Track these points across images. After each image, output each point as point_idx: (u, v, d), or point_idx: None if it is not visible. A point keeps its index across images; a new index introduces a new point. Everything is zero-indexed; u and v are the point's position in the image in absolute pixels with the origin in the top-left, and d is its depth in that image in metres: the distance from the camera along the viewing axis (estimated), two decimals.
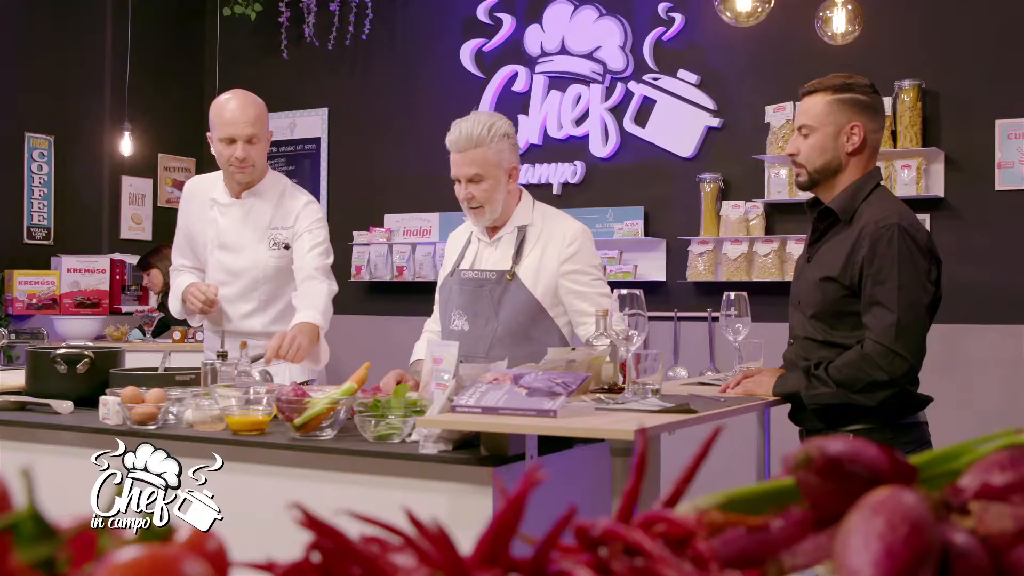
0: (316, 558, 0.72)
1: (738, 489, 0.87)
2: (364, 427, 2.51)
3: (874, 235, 2.76)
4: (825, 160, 2.91)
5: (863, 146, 2.91)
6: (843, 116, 2.90)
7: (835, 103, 2.91)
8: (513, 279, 3.35)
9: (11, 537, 0.58)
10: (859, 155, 2.91)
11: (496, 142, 3.34)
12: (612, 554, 0.77)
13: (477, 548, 0.72)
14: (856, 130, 2.89)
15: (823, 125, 2.91)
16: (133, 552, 0.60)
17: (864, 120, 2.90)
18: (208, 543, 0.70)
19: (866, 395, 2.71)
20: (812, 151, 2.92)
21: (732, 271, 6.21)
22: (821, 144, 2.90)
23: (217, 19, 7.95)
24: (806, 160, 2.94)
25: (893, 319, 2.69)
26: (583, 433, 2.21)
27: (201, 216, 3.86)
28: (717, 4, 3.87)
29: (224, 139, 3.69)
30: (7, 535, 0.58)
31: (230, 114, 3.68)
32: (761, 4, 3.79)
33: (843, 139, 2.90)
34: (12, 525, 0.58)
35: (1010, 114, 5.69)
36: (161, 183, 7.93)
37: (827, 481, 0.82)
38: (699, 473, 0.86)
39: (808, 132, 2.93)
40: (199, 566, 0.62)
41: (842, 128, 2.90)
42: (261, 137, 3.74)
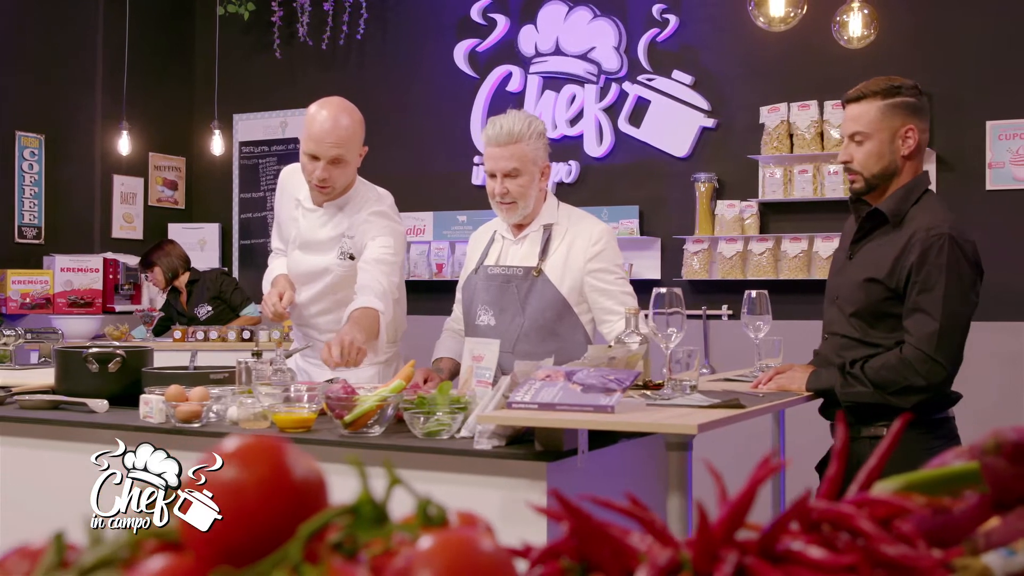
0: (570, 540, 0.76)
1: (915, 474, 0.93)
2: (413, 423, 2.55)
3: (925, 242, 2.81)
4: (883, 166, 2.94)
5: (916, 148, 2.96)
6: (897, 120, 2.93)
7: (887, 108, 2.94)
8: (540, 275, 3.40)
9: (352, 519, 0.62)
10: (913, 159, 2.96)
11: (534, 139, 3.38)
12: (831, 534, 0.82)
13: (715, 528, 0.77)
14: (911, 133, 2.93)
15: (878, 131, 2.93)
16: (434, 538, 0.65)
17: (916, 122, 2.94)
18: (479, 527, 0.75)
19: (901, 397, 2.77)
20: (869, 158, 2.94)
21: (727, 270, 6.29)
22: (878, 150, 2.93)
23: (210, 18, 7.94)
24: (862, 167, 2.96)
25: (935, 327, 2.75)
26: (645, 428, 2.27)
27: (287, 211, 3.74)
28: (751, 8, 3.93)
29: (308, 154, 3.42)
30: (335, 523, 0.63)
31: (319, 129, 3.40)
32: (793, 9, 3.85)
33: (898, 143, 2.94)
34: (354, 509, 0.62)
35: (1001, 115, 5.80)
36: (152, 182, 7.91)
37: (1015, 465, 0.87)
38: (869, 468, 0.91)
39: (863, 139, 2.95)
40: (495, 546, 0.67)
41: (897, 132, 2.93)
42: (349, 159, 3.44)
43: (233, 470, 0.62)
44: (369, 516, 0.62)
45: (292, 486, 0.62)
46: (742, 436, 3.92)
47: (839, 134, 3.11)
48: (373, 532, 0.63)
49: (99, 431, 2.93)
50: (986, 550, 0.87)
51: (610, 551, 0.77)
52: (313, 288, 3.67)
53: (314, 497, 0.63)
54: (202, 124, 8.10)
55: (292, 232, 3.71)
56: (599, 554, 0.77)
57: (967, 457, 0.95)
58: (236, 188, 8.09)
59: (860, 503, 0.84)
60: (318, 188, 3.50)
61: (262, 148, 7.96)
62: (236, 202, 8.10)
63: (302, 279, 3.68)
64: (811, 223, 6.17)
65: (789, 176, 6.15)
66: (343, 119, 3.43)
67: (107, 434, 2.90)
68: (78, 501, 3.00)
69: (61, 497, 2.93)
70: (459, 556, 0.64)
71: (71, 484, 2.90)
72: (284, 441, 0.64)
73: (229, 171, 8.11)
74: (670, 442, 2.26)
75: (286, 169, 3.87)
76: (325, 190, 3.50)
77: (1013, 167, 5.78)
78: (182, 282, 6.83)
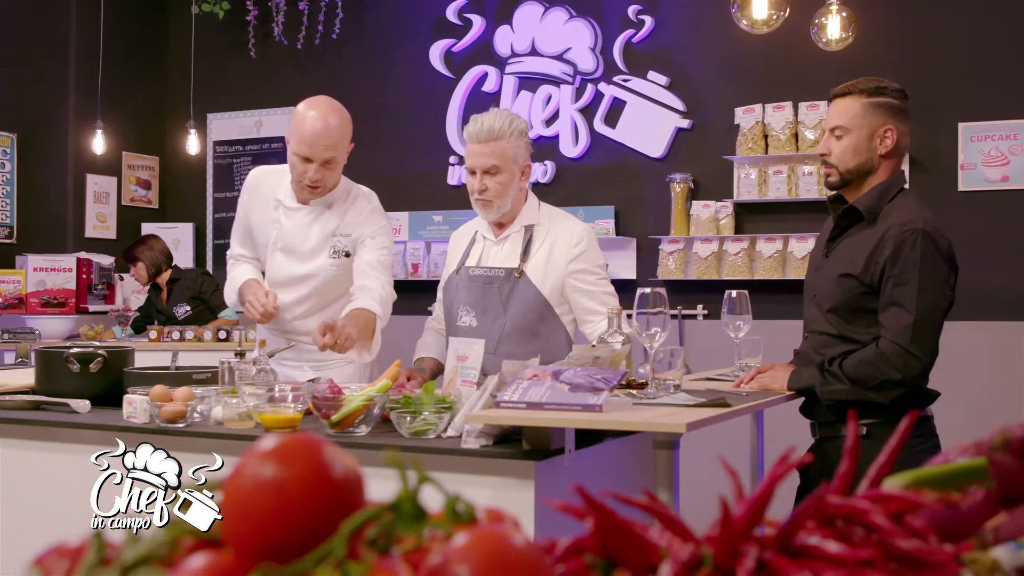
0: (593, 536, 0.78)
1: (923, 470, 0.95)
2: (400, 423, 2.56)
3: (898, 237, 2.85)
4: (859, 161, 2.99)
5: (894, 149, 3.00)
6: (878, 119, 2.98)
7: (870, 106, 2.99)
8: (521, 276, 3.41)
9: (393, 515, 0.63)
10: (890, 158, 3.00)
11: (515, 138, 3.39)
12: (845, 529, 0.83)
13: (736, 522, 0.79)
14: (890, 133, 2.98)
15: (858, 127, 2.98)
16: (469, 534, 0.66)
17: (897, 123, 2.99)
18: (507, 523, 0.76)
19: (879, 392, 2.81)
20: (846, 152, 2.99)
21: (703, 270, 6.33)
22: (855, 146, 2.98)
23: (184, 17, 7.90)
24: (838, 161, 3.01)
25: (910, 320, 2.79)
26: (633, 427, 2.29)
27: (263, 213, 3.68)
28: (734, 11, 3.96)
29: (300, 156, 3.43)
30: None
31: (310, 130, 3.40)
32: (776, 12, 3.89)
33: (876, 141, 2.99)
34: (394, 506, 0.63)
35: (972, 117, 5.87)
36: (125, 181, 7.87)
37: (1022, 461, 0.90)
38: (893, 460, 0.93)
39: (842, 133, 3.00)
40: (528, 542, 0.68)
41: (876, 131, 2.98)
42: (340, 160, 3.49)
43: (274, 468, 0.62)
44: (409, 513, 0.64)
45: (332, 483, 0.63)
46: (722, 435, 3.95)
47: (824, 128, 3.13)
48: (413, 528, 0.64)
49: (82, 431, 2.92)
50: (995, 544, 0.89)
51: (633, 547, 0.78)
52: (298, 291, 3.63)
53: (353, 494, 0.64)
54: (176, 123, 8.06)
55: (272, 235, 3.67)
56: (622, 550, 0.78)
57: (971, 453, 0.98)
58: (210, 188, 8.06)
59: (874, 499, 0.86)
60: (309, 189, 3.50)
61: (236, 148, 7.93)
62: (210, 202, 8.07)
63: (285, 283, 3.63)
64: (786, 223, 6.22)
65: (764, 177, 6.20)
66: (333, 120, 3.45)
67: (91, 434, 2.89)
68: (61, 501, 3.00)
69: (43, 497, 2.92)
70: (495, 552, 0.65)
71: (54, 484, 2.89)
72: (323, 439, 0.65)
73: (203, 171, 8.07)
74: (658, 441, 2.28)
75: (256, 171, 3.82)
76: (316, 190, 3.51)
77: (985, 168, 5.85)
78: (163, 279, 6.79)
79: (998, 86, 5.85)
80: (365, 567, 0.60)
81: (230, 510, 0.64)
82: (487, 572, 0.64)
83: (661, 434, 2.27)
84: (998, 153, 5.82)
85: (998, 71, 5.85)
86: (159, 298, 6.82)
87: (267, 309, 3.45)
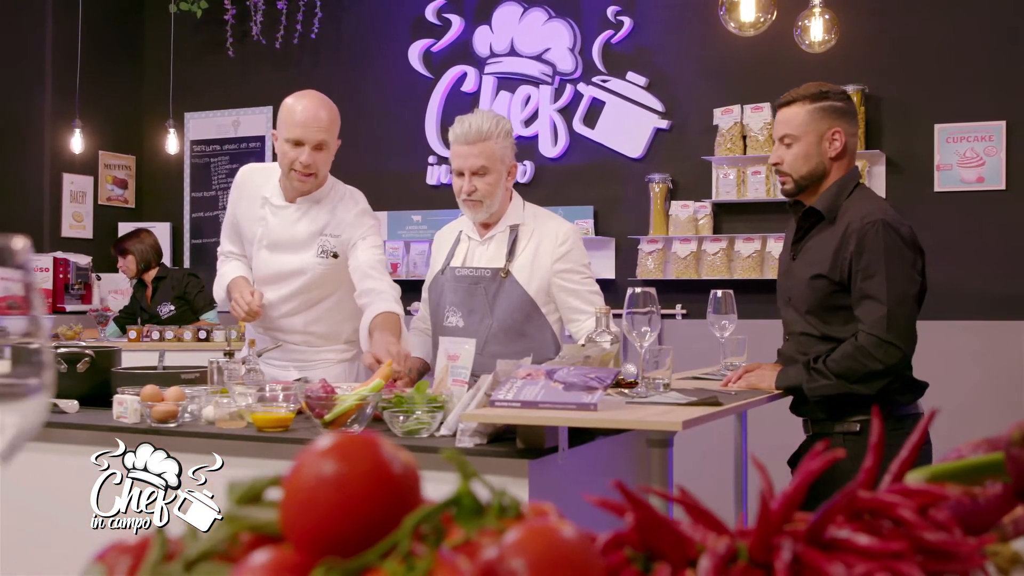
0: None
1: (941, 465, 0.97)
2: (393, 422, 2.57)
3: (860, 231, 2.90)
4: (810, 167, 3.04)
5: (844, 150, 3.05)
6: (824, 123, 3.03)
7: (815, 111, 3.04)
8: (507, 276, 3.43)
9: (453, 511, 0.65)
10: (841, 159, 3.05)
11: (502, 138, 3.41)
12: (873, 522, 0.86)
13: (773, 516, 0.81)
14: (837, 135, 3.04)
15: (806, 134, 3.04)
16: (522, 528, 0.67)
17: (843, 125, 3.04)
18: (552, 516, 0.77)
19: (865, 384, 2.85)
20: (797, 159, 3.04)
21: (681, 269, 6.37)
22: (805, 152, 3.03)
23: (162, 16, 7.87)
24: (791, 169, 3.06)
25: (884, 311, 2.83)
26: (629, 425, 2.31)
27: (250, 211, 3.67)
28: (722, 14, 4.00)
29: (291, 140, 3.44)
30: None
31: (302, 115, 3.44)
32: (764, 15, 3.93)
33: (826, 145, 3.04)
34: (455, 500, 0.65)
35: (948, 119, 5.94)
36: (102, 181, 7.83)
37: None
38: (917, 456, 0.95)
39: (791, 141, 3.05)
40: (580, 535, 0.70)
41: (824, 135, 3.04)
42: (330, 145, 3.52)
43: (336, 464, 0.64)
44: (469, 508, 0.65)
45: (392, 479, 0.65)
46: (707, 434, 3.98)
47: (773, 137, 3.18)
48: (473, 523, 0.65)
49: (72, 431, 2.91)
50: (1015, 537, 0.92)
51: (670, 541, 0.80)
52: (283, 289, 3.62)
53: (411, 490, 0.66)
54: (153, 123, 8.03)
55: (257, 232, 3.66)
56: (661, 544, 0.80)
57: (985, 449, 1.00)
58: (187, 187, 8.03)
59: (901, 493, 0.88)
60: (302, 176, 3.48)
61: (214, 147, 7.91)
62: (187, 201, 8.03)
63: (270, 280, 3.62)
64: (764, 223, 6.27)
65: (742, 177, 6.25)
66: (324, 106, 3.51)
67: (82, 435, 2.88)
68: (54, 501, 2.97)
69: (35, 498, 2.91)
70: (550, 545, 0.67)
71: (45, 485, 2.88)
72: (379, 436, 0.67)
73: (180, 170, 8.04)
74: (652, 439, 2.31)
75: (244, 169, 3.83)
76: (309, 177, 3.49)
77: (960, 169, 5.92)
78: (150, 276, 6.77)
79: (974, 88, 5.92)
80: (430, 561, 0.62)
81: (292, 506, 0.65)
82: (543, 565, 0.66)
83: (655, 432, 2.29)
84: (973, 154, 5.89)
85: (974, 73, 5.92)
86: (144, 295, 6.79)
87: (252, 308, 3.45)
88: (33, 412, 0.81)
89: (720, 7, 4.03)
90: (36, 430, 0.82)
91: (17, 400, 0.80)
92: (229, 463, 2.69)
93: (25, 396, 0.81)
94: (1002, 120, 5.85)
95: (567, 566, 0.66)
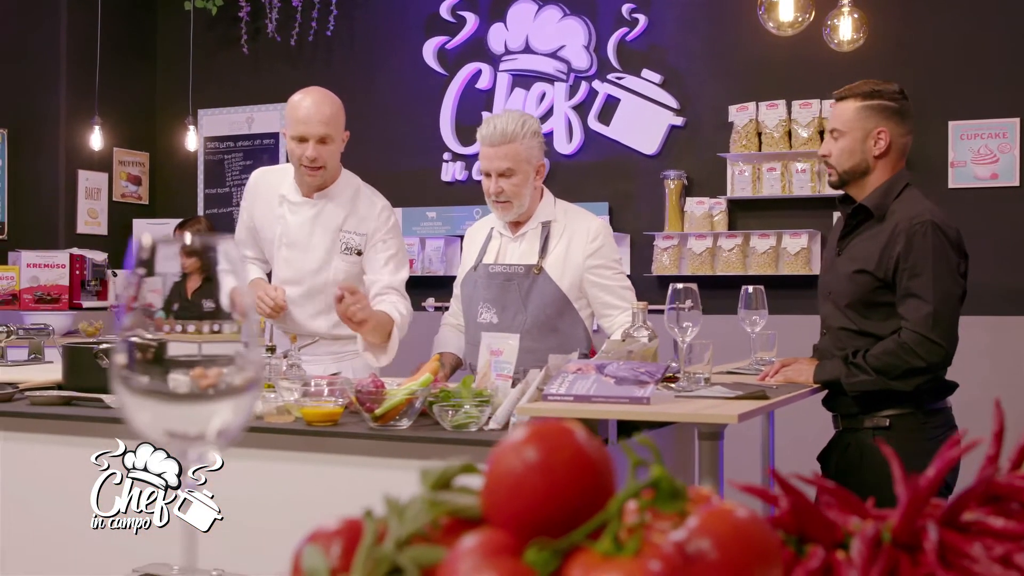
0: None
1: None
2: (442, 417, 2.61)
3: (909, 231, 2.95)
4: (854, 162, 3.10)
5: (889, 149, 3.10)
6: (871, 121, 3.09)
7: (864, 109, 3.09)
8: (540, 272, 3.47)
9: (652, 494, 0.69)
10: (886, 158, 3.10)
11: (528, 139, 3.45)
12: (1000, 506, 0.90)
13: (911, 504, 0.85)
14: (882, 135, 3.09)
15: (852, 130, 3.10)
16: (705, 511, 0.72)
17: (891, 125, 3.09)
18: (713, 500, 0.82)
19: (904, 381, 2.90)
20: (842, 154, 3.11)
21: (697, 265, 6.41)
22: (850, 147, 3.09)
23: (176, 13, 7.90)
24: (836, 162, 3.12)
25: (929, 309, 2.89)
26: (685, 418, 2.35)
27: (267, 212, 3.76)
28: (761, 13, 4.05)
29: (296, 137, 3.56)
30: None
31: (304, 111, 3.56)
32: (802, 14, 3.98)
33: (870, 143, 3.09)
34: (654, 484, 0.69)
35: (962, 116, 5.99)
36: (116, 177, 7.86)
37: None
38: None
39: (839, 136, 3.11)
40: (755, 516, 0.74)
41: (869, 133, 3.09)
42: (335, 138, 3.61)
43: (542, 451, 0.68)
44: (667, 491, 0.69)
45: (593, 464, 0.69)
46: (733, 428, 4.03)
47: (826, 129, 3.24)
48: (672, 506, 0.69)
49: (120, 427, 2.94)
50: None
51: (821, 525, 0.84)
52: (305, 287, 3.67)
53: (608, 475, 0.70)
54: (167, 119, 8.06)
55: (277, 230, 3.73)
56: (812, 528, 0.84)
57: None
58: (201, 184, 8.06)
59: None
60: (309, 169, 3.57)
61: (228, 144, 7.94)
62: (201, 198, 8.07)
63: (292, 280, 3.66)
64: (779, 220, 6.31)
65: (758, 174, 6.29)
66: (326, 101, 3.62)
67: (120, 428, 2.91)
68: (52, 499, 2.97)
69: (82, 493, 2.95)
70: (733, 526, 0.71)
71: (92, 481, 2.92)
72: (573, 425, 0.71)
73: (194, 167, 8.07)
74: (704, 431, 2.35)
75: (256, 172, 3.91)
76: (317, 171, 3.58)
77: (974, 166, 5.96)
78: None
79: (988, 85, 5.96)
80: (638, 540, 0.66)
81: (498, 491, 0.69)
82: (729, 544, 0.70)
83: (705, 425, 2.34)
84: (987, 151, 5.94)
85: (988, 71, 5.97)
86: (185, 287, 6.79)
87: (277, 301, 3.50)
88: (245, 407, 0.86)
89: (759, 7, 4.08)
90: (245, 425, 0.86)
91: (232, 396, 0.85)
92: (278, 457, 2.74)
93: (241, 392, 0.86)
94: (1016, 117, 5.90)
95: (750, 544, 0.71)
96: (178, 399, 0.86)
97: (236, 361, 0.88)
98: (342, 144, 3.69)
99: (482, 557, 0.66)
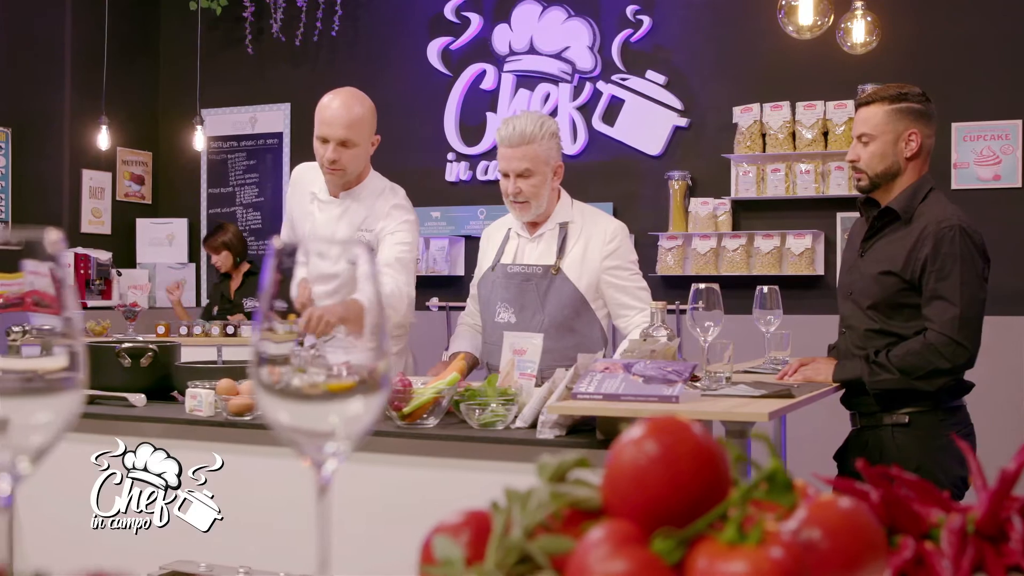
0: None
1: None
2: (470, 415, 2.64)
3: (937, 234, 2.99)
4: (886, 166, 3.14)
5: (919, 151, 3.14)
6: (901, 124, 3.13)
7: (893, 112, 3.13)
8: (558, 273, 3.50)
9: (766, 486, 0.72)
10: (916, 160, 3.14)
11: (546, 140, 3.48)
12: None
13: (995, 496, 0.89)
14: (914, 137, 3.13)
15: (883, 133, 3.13)
16: (813, 502, 0.75)
17: (920, 127, 3.13)
18: (810, 490, 0.85)
19: (927, 381, 2.94)
20: (873, 158, 3.14)
21: (701, 265, 6.45)
22: (882, 151, 3.13)
23: (180, 12, 7.91)
24: (867, 166, 3.16)
25: (956, 312, 2.93)
26: (716, 417, 2.39)
27: (302, 206, 3.80)
28: (780, 17, 4.08)
29: (319, 137, 3.59)
30: None
31: (329, 113, 3.57)
32: (821, 18, 4.02)
33: (902, 145, 3.13)
34: (769, 476, 0.72)
35: (965, 117, 6.03)
36: (120, 177, 7.87)
37: None
38: None
39: (868, 140, 3.15)
40: (854, 504, 0.77)
41: (900, 135, 3.13)
42: (358, 142, 3.60)
43: (664, 445, 0.71)
44: (781, 483, 0.73)
45: (712, 456, 0.72)
46: None
47: (852, 135, 3.27)
48: (785, 498, 0.73)
49: (144, 424, 2.96)
50: None
51: (908, 516, 0.88)
52: (327, 286, 3.70)
53: (724, 467, 0.73)
54: (170, 119, 8.07)
55: (306, 227, 3.75)
56: (900, 518, 0.87)
57: None
58: (204, 183, 8.07)
59: None
60: (329, 170, 3.59)
61: (231, 143, 7.95)
62: (204, 197, 8.08)
63: (316, 279, 3.70)
64: (783, 220, 6.36)
65: (762, 175, 6.33)
66: (353, 104, 3.61)
67: (154, 427, 2.94)
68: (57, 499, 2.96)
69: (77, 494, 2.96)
70: (841, 515, 0.74)
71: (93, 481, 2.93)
72: (689, 420, 0.74)
73: (197, 166, 8.08)
74: (731, 429, 2.38)
75: (299, 167, 3.94)
76: (336, 172, 3.60)
77: (977, 167, 6.02)
78: (241, 269, 6.83)
79: (990, 87, 6.01)
80: (761, 528, 0.69)
81: (621, 483, 0.72)
82: (840, 535, 0.74)
83: (733, 424, 2.37)
84: (990, 152, 5.99)
85: (991, 72, 6.02)
86: (227, 286, 6.83)
87: (300, 300, 3.52)
88: (68, 406, 0.81)
89: (779, 10, 4.11)
90: (71, 424, 0.81)
91: (53, 394, 0.80)
92: None
93: (62, 390, 0.81)
94: (1018, 119, 5.95)
95: (858, 534, 0.74)
96: (309, 398, 0.89)
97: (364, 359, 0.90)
98: (371, 147, 3.69)
99: (612, 546, 0.69)
